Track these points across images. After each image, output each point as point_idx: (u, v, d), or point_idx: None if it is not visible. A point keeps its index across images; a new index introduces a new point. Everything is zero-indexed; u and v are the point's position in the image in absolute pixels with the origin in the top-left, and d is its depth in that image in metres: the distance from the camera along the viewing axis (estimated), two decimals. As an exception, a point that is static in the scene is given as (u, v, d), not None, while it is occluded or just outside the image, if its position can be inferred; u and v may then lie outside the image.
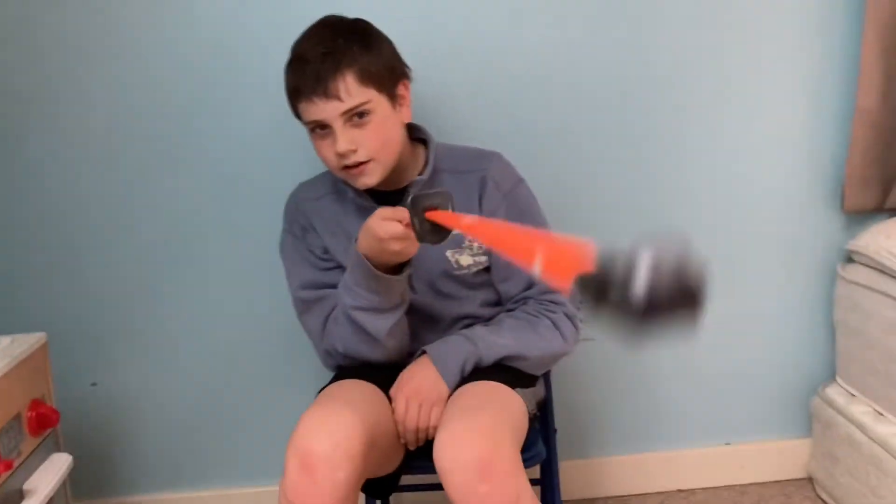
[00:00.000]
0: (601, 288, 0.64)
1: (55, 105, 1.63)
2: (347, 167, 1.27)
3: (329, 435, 1.09)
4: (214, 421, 1.79)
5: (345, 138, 1.24)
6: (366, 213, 1.22)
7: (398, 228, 1.13)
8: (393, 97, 1.29)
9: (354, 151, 1.24)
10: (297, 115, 1.31)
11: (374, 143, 1.25)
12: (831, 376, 1.80)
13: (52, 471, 1.31)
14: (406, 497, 1.81)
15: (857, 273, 1.66)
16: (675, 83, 1.69)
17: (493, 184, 1.34)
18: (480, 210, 1.33)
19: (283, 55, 1.30)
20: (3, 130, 1.64)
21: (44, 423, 1.31)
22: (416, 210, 1.10)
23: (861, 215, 1.75)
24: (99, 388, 1.75)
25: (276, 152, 1.65)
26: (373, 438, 1.15)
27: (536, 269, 0.76)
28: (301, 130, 1.33)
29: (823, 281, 1.79)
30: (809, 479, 1.86)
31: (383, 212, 1.16)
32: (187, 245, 1.70)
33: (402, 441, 1.28)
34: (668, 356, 1.81)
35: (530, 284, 1.35)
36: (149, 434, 1.78)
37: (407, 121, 1.34)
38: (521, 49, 1.66)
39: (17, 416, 1.26)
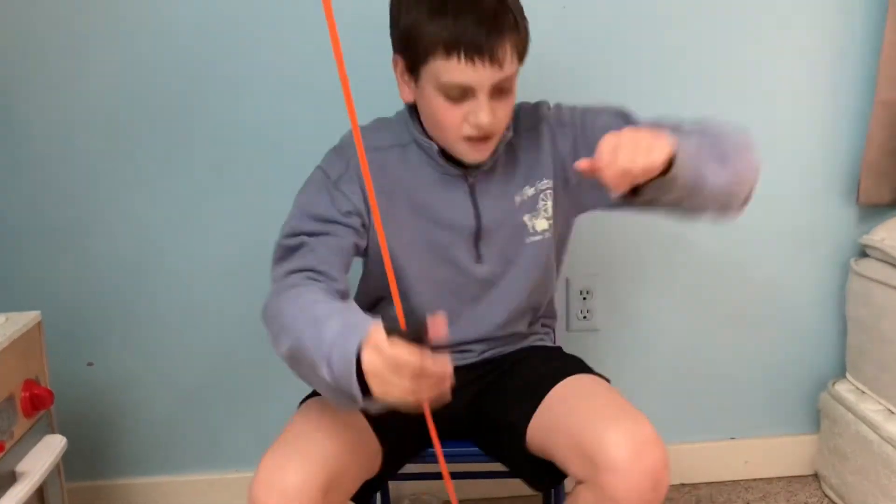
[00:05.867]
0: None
1: (54, 81, 1.59)
2: (471, 138, 1.14)
3: (282, 492, 1.03)
4: (209, 406, 1.76)
5: (489, 109, 1.10)
6: (443, 176, 1.18)
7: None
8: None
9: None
10: (414, 69, 1.12)
11: (505, 119, 1.16)
12: (841, 373, 1.78)
13: (46, 453, 1.28)
14: (405, 486, 1.79)
15: (870, 268, 1.64)
16: (692, 75, 1.66)
17: (557, 124, 1.25)
18: (557, 152, 1.24)
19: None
20: (1, 107, 1.60)
21: (38, 405, 1.28)
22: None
23: (876, 209, 1.72)
24: (93, 370, 1.72)
25: (280, 136, 1.62)
26: (337, 474, 1.08)
27: None
28: (306, 114, 1.27)
29: (836, 275, 1.77)
30: (815, 476, 1.85)
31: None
32: (185, 228, 1.67)
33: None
34: (676, 348, 1.79)
35: None
36: (144, 417, 1.76)
37: (514, 103, 1.20)
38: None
39: (11, 397, 1.23)
